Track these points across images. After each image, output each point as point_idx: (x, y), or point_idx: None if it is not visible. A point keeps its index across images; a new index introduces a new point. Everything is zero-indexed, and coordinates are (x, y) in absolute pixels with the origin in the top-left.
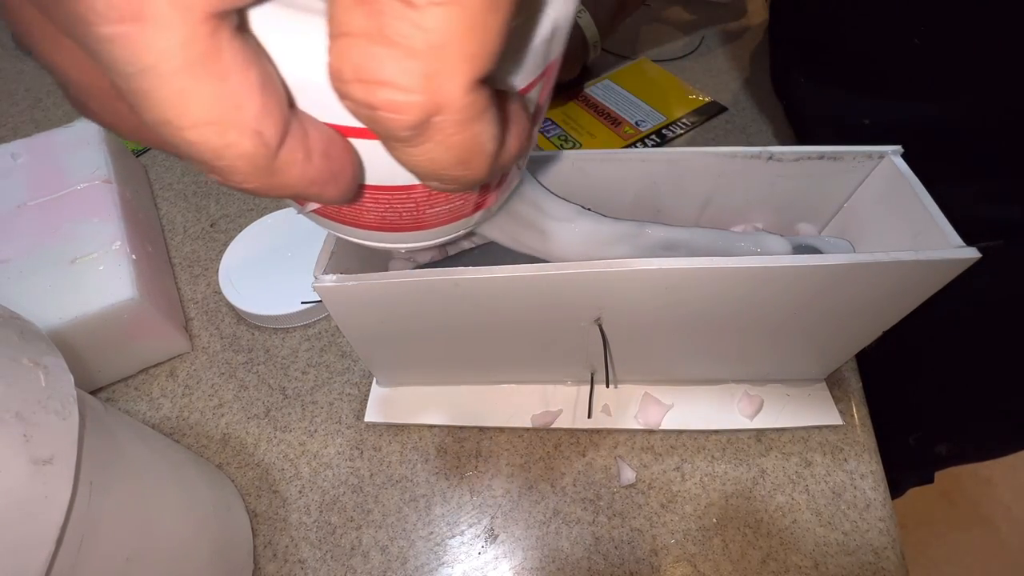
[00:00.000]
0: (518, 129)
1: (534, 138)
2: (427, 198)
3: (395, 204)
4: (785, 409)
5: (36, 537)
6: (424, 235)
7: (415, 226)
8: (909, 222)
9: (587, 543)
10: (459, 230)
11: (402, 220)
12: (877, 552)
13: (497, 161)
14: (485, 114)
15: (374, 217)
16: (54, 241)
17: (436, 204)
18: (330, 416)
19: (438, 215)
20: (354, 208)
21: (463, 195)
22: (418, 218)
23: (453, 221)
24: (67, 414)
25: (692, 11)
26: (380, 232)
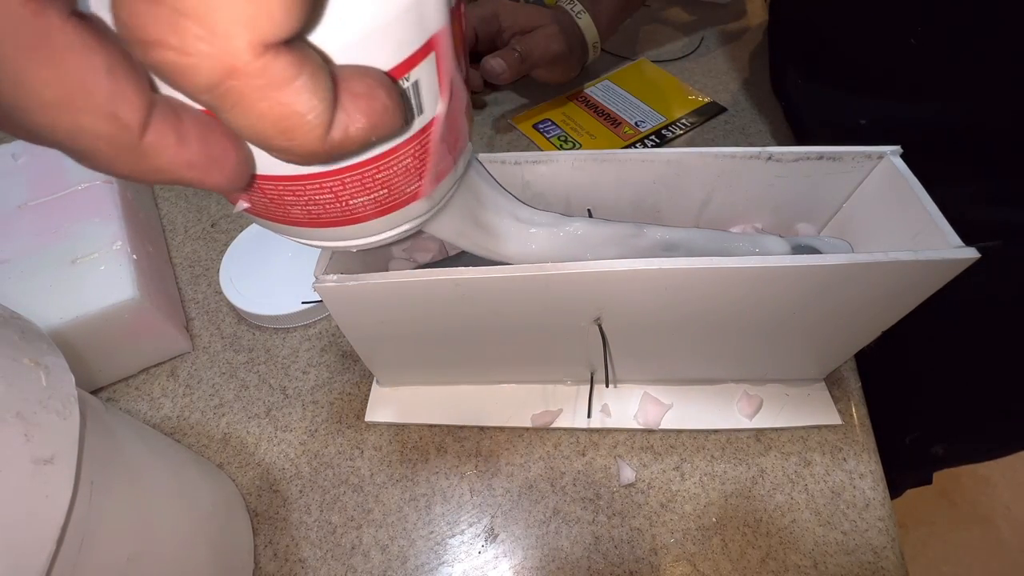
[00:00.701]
0: (367, 106)
1: (458, 122)
2: (343, 187)
3: (312, 195)
4: (784, 409)
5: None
6: (363, 230)
7: (347, 219)
8: (908, 222)
9: (587, 542)
10: (401, 224)
11: (329, 214)
12: (876, 551)
13: (335, 136)
14: (293, 83)
15: (300, 212)
16: (55, 241)
17: (357, 194)
18: (330, 416)
19: (364, 207)
20: (276, 203)
21: (384, 183)
22: (345, 210)
23: (386, 213)
24: (68, 414)
25: (692, 12)
26: (316, 228)
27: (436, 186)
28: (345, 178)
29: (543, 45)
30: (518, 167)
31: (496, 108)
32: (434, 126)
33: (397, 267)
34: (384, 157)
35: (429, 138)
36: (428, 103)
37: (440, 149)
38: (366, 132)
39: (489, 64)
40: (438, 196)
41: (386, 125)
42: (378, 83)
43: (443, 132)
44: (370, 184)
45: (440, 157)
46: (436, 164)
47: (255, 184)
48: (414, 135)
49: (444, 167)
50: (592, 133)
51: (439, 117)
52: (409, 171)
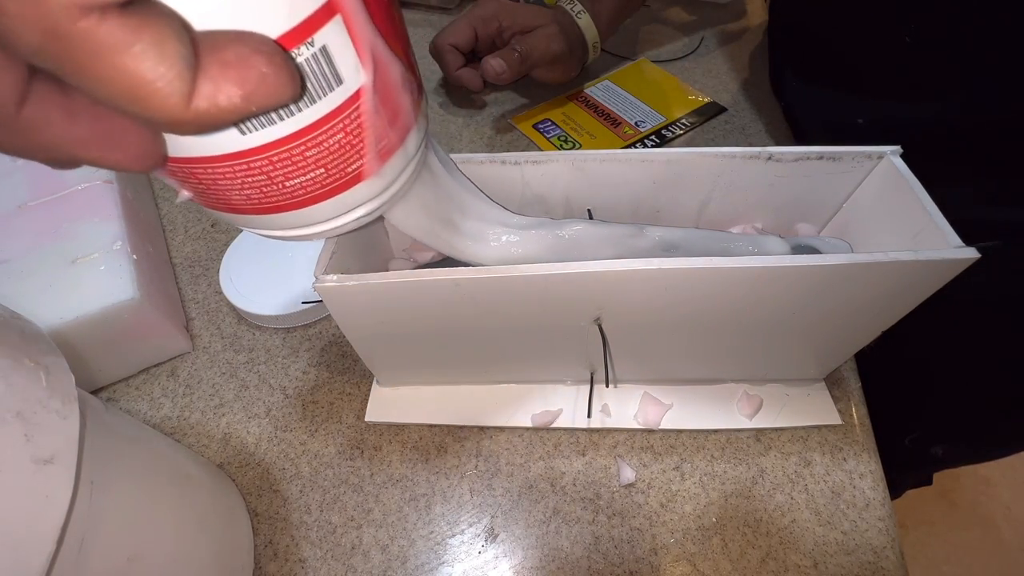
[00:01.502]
0: (238, 75)
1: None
2: (273, 167)
3: (243, 177)
4: (784, 409)
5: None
6: (312, 215)
7: (292, 203)
8: (908, 222)
9: (587, 542)
10: (354, 208)
11: (270, 198)
12: (876, 551)
13: (200, 106)
14: (130, 49)
15: (240, 198)
16: (55, 241)
17: (291, 175)
18: (331, 416)
19: (305, 188)
20: (212, 189)
21: (318, 162)
22: (285, 193)
23: (331, 195)
24: (68, 414)
25: (692, 12)
26: (263, 215)
27: (382, 165)
28: (271, 157)
29: (543, 45)
30: (518, 167)
31: (496, 108)
32: (362, 98)
33: (397, 267)
34: (308, 133)
35: (360, 112)
36: (347, 73)
37: (377, 124)
38: (241, 102)
39: (489, 64)
40: (387, 176)
41: (268, 95)
42: (254, 50)
43: (375, 105)
44: (302, 163)
45: (379, 133)
46: (376, 141)
47: (172, 166)
48: (338, 108)
49: (388, 145)
50: (592, 133)
51: (365, 88)
52: (344, 148)
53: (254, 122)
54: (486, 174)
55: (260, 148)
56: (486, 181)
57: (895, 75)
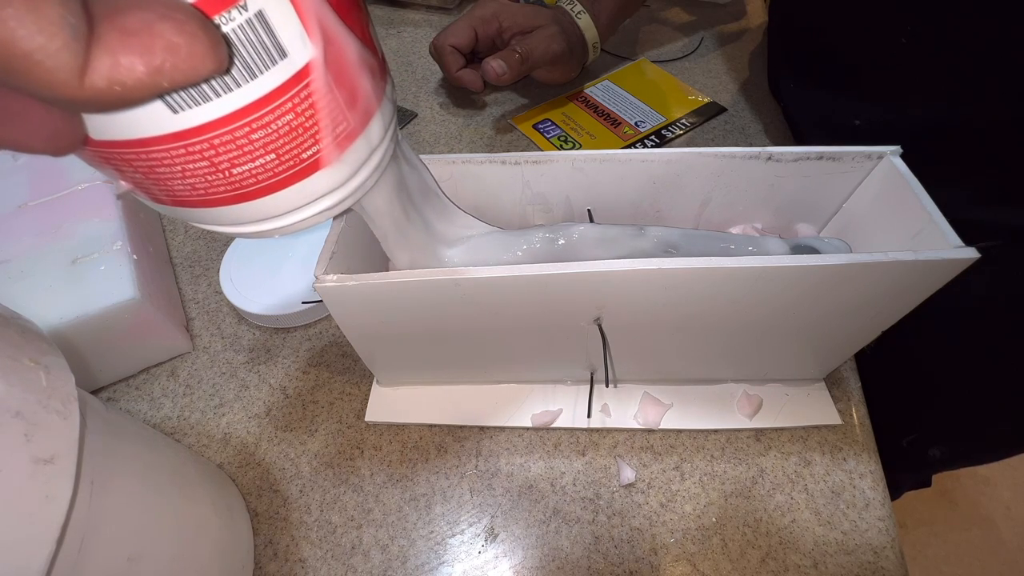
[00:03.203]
0: (142, 45)
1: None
2: (215, 152)
3: (184, 164)
4: (784, 409)
5: (37, 537)
6: (267, 207)
7: (243, 195)
8: (908, 222)
9: (587, 542)
10: (314, 200)
11: (217, 189)
12: (876, 551)
13: (96, 81)
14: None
15: (184, 188)
16: (55, 241)
17: (238, 161)
18: (331, 415)
19: (256, 177)
20: (150, 178)
21: (268, 146)
22: (233, 183)
23: (286, 185)
24: (68, 413)
25: (691, 12)
26: (212, 208)
27: (342, 152)
28: (211, 140)
29: (544, 45)
30: (518, 167)
31: (496, 108)
32: (312, 75)
33: None
34: (251, 112)
35: (310, 90)
36: (292, 46)
37: (332, 106)
38: (147, 77)
39: (490, 65)
40: (350, 165)
41: (181, 69)
42: (161, 16)
43: (328, 83)
44: (248, 147)
45: (335, 115)
46: (333, 125)
47: (97, 151)
48: (284, 84)
49: (347, 130)
50: (592, 133)
51: (315, 63)
52: (297, 132)
53: (185, 98)
54: (486, 174)
55: (196, 129)
56: (486, 181)
57: (893, 76)
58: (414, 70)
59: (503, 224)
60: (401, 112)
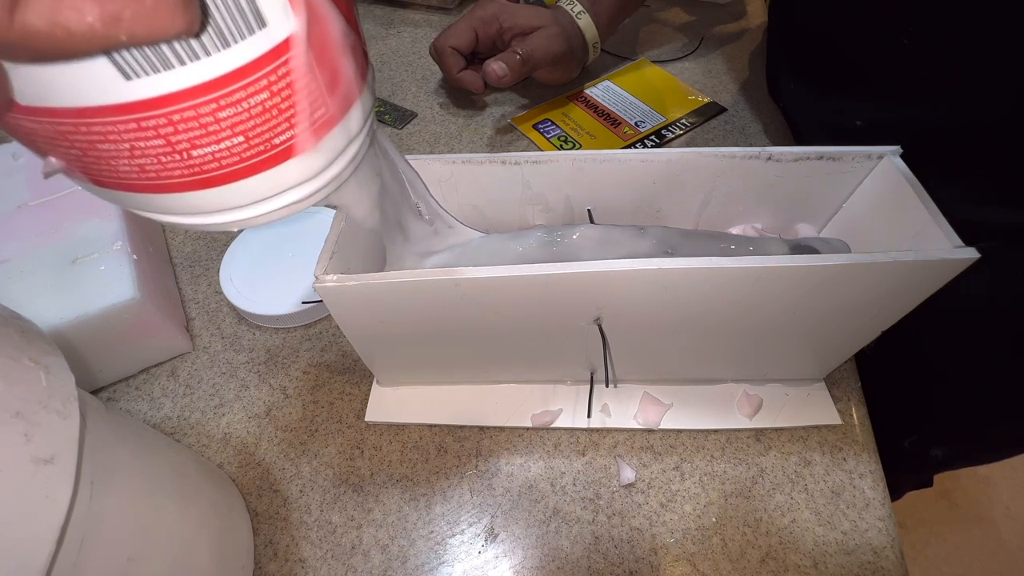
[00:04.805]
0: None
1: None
2: (174, 129)
3: (135, 141)
4: (784, 409)
5: (37, 537)
6: (227, 197)
7: (201, 181)
8: (908, 222)
9: (587, 542)
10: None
11: (172, 172)
12: (876, 551)
13: (32, 20)
14: None
15: (131, 169)
16: (55, 241)
17: (199, 141)
18: (331, 415)
19: (219, 162)
20: (91, 155)
21: (237, 127)
22: (191, 167)
23: (253, 173)
24: (68, 414)
25: (691, 12)
26: (164, 195)
27: (319, 140)
28: (170, 115)
29: (544, 46)
30: (518, 167)
31: (496, 108)
32: (292, 50)
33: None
34: (220, 86)
35: (289, 67)
36: (272, 15)
37: (311, 87)
38: (99, 24)
39: (491, 68)
40: (325, 155)
41: (145, 22)
42: None
43: (309, 62)
44: (214, 126)
45: (314, 99)
46: (311, 109)
47: (26, 119)
48: (261, 58)
49: (326, 116)
50: (592, 133)
51: (296, 38)
52: (271, 113)
53: (142, 62)
54: (486, 174)
55: (153, 101)
56: (486, 181)
57: (893, 77)
58: (414, 70)
59: (503, 224)
60: (401, 112)
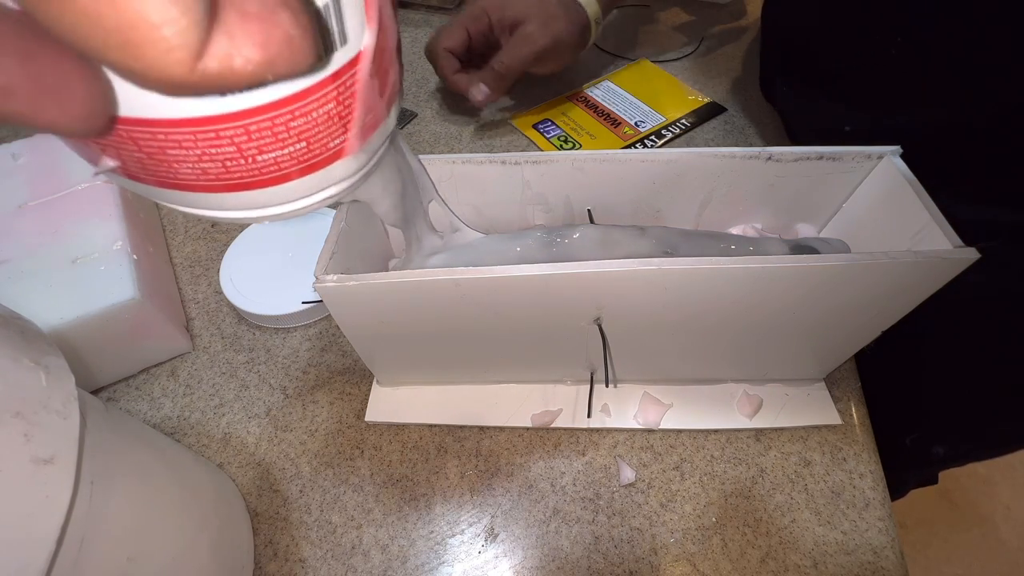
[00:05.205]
0: (262, 32)
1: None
2: (248, 139)
3: (207, 148)
4: (784, 409)
5: (37, 537)
6: (275, 196)
7: (255, 182)
8: (908, 222)
9: (587, 542)
10: (324, 189)
11: (232, 175)
12: (876, 551)
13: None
14: None
15: (192, 172)
16: (55, 241)
17: (267, 148)
18: (331, 416)
19: (278, 165)
20: (157, 159)
21: (302, 135)
22: (252, 170)
23: (305, 174)
24: (68, 414)
25: (691, 12)
26: (214, 194)
27: (365, 141)
28: (250, 126)
29: (523, 51)
30: (518, 167)
31: (496, 108)
32: (360, 63)
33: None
34: (300, 99)
35: (356, 78)
36: (353, 31)
37: (369, 94)
38: (259, 67)
39: (472, 95)
40: (368, 153)
41: (289, 61)
42: (282, 4)
43: (371, 72)
44: (284, 135)
45: (369, 104)
46: (365, 113)
47: (118, 129)
48: (336, 73)
49: (374, 117)
50: (592, 133)
51: (367, 51)
52: (332, 120)
53: None
54: (486, 174)
55: (238, 114)
56: (486, 181)
57: (882, 86)
58: (414, 70)
59: (503, 224)
60: (401, 112)
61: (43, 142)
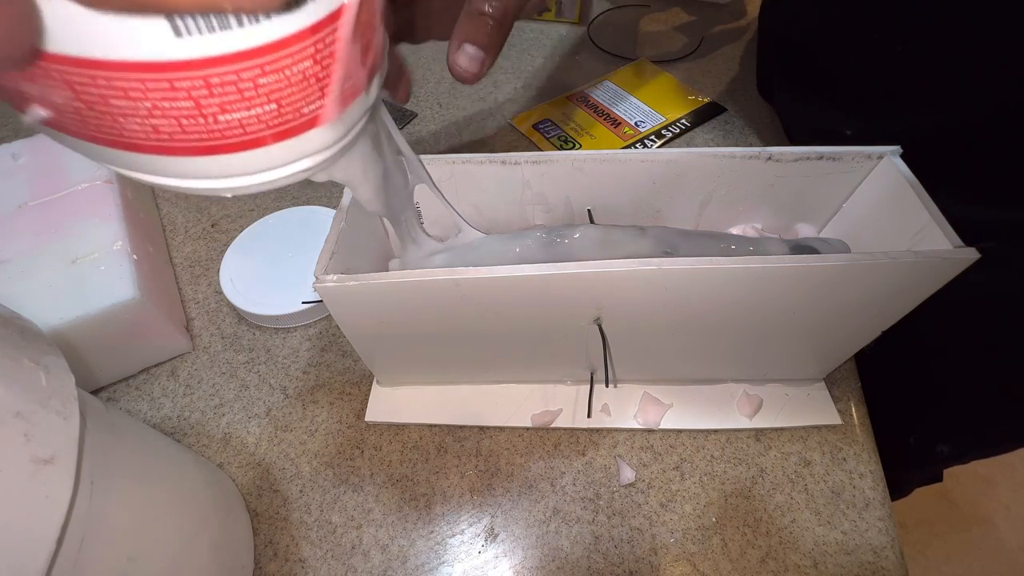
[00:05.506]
0: None
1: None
2: (209, 92)
3: (159, 100)
4: (784, 408)
5: (37, 537)
6: (242, 164)
7: (217, 147)
8: (908, 222)
9: (587, 542)
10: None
11: (190, 135)
12: (876, 551)
13: None
14: None
15: (142, 129)
16: (55, 241)
17: (231, 106)
18: (331, 416)
19: (244, 128)
20: (99, 110)
21: (272, 94)
22: (213, 132)
23: (276, 141)
24: (68, 414)
25: (692, 12)
26: (167, 157)
27: (344, 110)
28: (211, 78)
29: None
30: (518, 167)
31: (496, 108)
32: (343, 18)
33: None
34: (272, 51)
35: (336, 36)
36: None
37: (350, 57)
38: None
39: (459, 62)
40: (346, 124)
41: None
42: None
43: (353, 31)
44: (251, 93)
45: (350, 69)
46: (344, 78)
47: (50, 69)
48: (315, 25)
49: (354, 85)
50: (592, 133)
51: (349, 6)
52: (308, 81)
53: (200, 21)
54: (486, 174)
55: (197, 62)
56: (486, 181)
57: (884, 91)
58: (413, 70)
59: (503, 224)
60: (401, 112)
61: (43, 142)
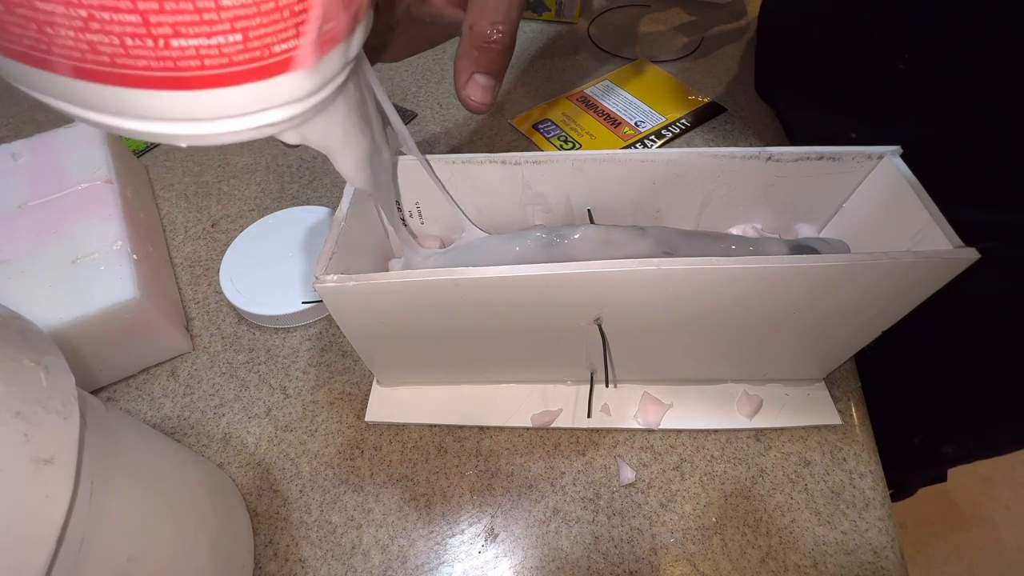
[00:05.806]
0: None
1: None
2: (157, 5)
3: (95, 6)
4: (784, 409)
5: (37, 537)
6: (197, 105)
7: (169, 79)
8: (908, 222)
9: (587, 542)
10: (263, 109)
11: (136, 60)
12: (876, 551)
13: None
14: None
15: (72, 44)
16: (55, 241)
17: (186, 28)
18: (331, 415)
19: (200, 60)
20: (24, 17)
21: (237, 21)
22: (164, 57)
23: (240, 82)
24: (68, 414)
25: (692, 12)
26: (110, 87)
27: (320, 58)
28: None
29: None
30: (518, 167)
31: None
32: None
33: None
34: None
35: None
36: None
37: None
38: None
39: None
40: (322, 75)
41: None
42: None
43: None
44: (212, 15)
45: (329, 7)
46: (323, 19)
47: None
48: None
49: (334, 30)
50: (592, 133)
51: None
52: (282, 12)
53: None
54: (486, 174)
55: None
56: (486, 181)
57: (889, 98)
58: (413, 69)
59: (503, 224)
60: (400, 112)
61: (43, 142)
